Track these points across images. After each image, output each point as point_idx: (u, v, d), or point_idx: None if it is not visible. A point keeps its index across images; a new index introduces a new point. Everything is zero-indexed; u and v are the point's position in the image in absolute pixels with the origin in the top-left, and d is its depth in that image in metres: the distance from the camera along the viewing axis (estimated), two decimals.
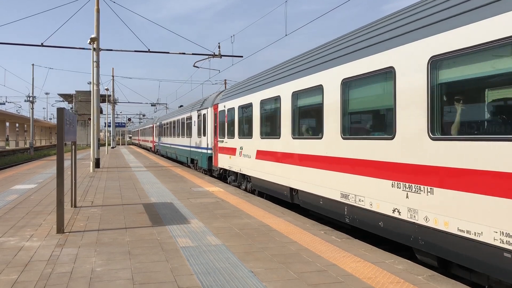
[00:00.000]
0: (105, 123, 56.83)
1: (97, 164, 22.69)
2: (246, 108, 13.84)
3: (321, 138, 8.86)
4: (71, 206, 10.58)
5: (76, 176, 10.75)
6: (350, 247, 6.82)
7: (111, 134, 61.24)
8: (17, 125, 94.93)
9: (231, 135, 15.69)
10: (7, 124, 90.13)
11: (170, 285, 5.07)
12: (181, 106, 38.52)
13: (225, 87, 42.41)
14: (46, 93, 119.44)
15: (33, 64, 53.33)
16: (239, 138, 14.58)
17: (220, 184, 15.60)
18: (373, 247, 6.85)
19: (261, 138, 12.37)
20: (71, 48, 25.70)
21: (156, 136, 47.26)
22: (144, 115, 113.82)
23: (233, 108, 15.37)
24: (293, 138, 10.19)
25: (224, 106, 16.67)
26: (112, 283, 5.12)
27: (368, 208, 7.19)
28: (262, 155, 12.32)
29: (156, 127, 47.21)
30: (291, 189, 10.56)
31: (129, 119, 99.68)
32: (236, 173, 15.79)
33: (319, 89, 9.02)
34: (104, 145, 53.08)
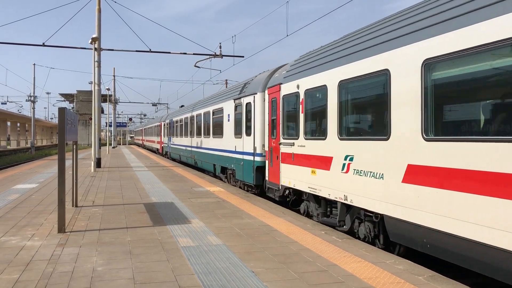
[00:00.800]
0: (106, 122, 56.90)
1: (98, 163, 22.71)
2: (368, 83, 7.55)
3: None
4: (72, 206, 10.60)
5: (77, 175, 10.77)
6: (350, 247, 6.83)
7: (112, 134, 61.30)
8: (18, 124, 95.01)
9: (316, 133, 9.49)
10: (8, 123, 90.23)
11: (171, 284, 5.09)
12: (182, 106, 37.80)
13: (226, 87, 39.08)
14: (47, 93, 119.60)
15: (34, 64, 53.40)
16: (340, 139, 8.29)
17: (221, 184, 15.60)
18: (374, 247, 6.86)
19: (427, 140, 5.98)
20: (73, 48, 25.74)
21: (165, 136, 38.87)
22: (145, 115, 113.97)
23: (324, 86, 9.00)
24: None
25: (298, 86, 10.33)
26: (113, 283, 5.14)
27: None
28: (439, 177, 5.75)
29: (165, 125, 39.03)
30: None
31: (130, 119, 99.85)
32: (326, 201, 9.45)
33: None
34: (105, 144, 53.11)
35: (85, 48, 25.80)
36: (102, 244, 6.99)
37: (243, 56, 26.95)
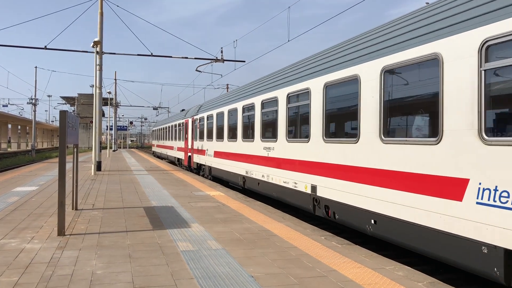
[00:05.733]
0: (107, 126, 56.97)
1: (98, 167, 22.71)
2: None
3: None
4: (72, 209, 10.60)
5: (77, 178, 10.77)
6: (350, 253, 6.82)
7: (113, 137, 61.36)
8: (19, 127, 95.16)
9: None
10: (9, 126, 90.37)
11: None
12: (182, 110, 37.60)
13: (227, 91, 37.09)
14: (49, 96, 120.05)
15: (36, 67, 53.64)
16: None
17: (221, 189, 15.59)
18: (373, 253, 6.84)
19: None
20: (74, 51, 25.81)
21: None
22: (145, 119, 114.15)
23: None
24: None
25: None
26: (112, 286, 5.13)
27: None
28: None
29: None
30: None
31: (131, 123, 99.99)
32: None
33: None
34: (105, 148, 53.12)
35: (87, 52, 25.81)
36: (101, 247, 6.98)
37: (244, 61, 27.02)
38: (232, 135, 16.61)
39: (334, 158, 8.93)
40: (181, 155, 29.24)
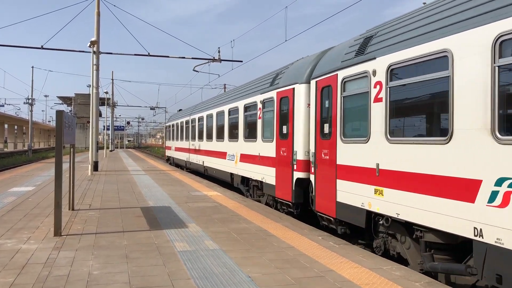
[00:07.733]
0: (104, 126, 56.87)
1: (95, 167, 22.65)
2: None
3: None
4: (69, 209, 10.56)
5: (74, 179, 10.73)
6: (347, 252, 6.82)
7: (110, 138, 61.24)
8: (15, 127, 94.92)
9: None
10: (6, 126, 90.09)
11: None
12: (180, 110, 37.38)
13: (225, 91, 34.03)
14: (45, 96, 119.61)
15: (32, 67, 53.63)
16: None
17: (218, 189, 15.57)
18: (371, 253, 6.85)
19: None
20: (71, 51, 25.76)
21: None
22: (143, 119, 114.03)
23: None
24: None
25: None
26: (109, 287, 5.11)
27: None
28: None
29: None
30: None
31: (128, 123, 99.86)
32: None
33: None
34: (102, 148, 52.96)
35: (84, 51, 25.74)
36: (98, 247, 6.96)
37: (241, 61, 27.01)
38: None
39: None
40: (256, 172, 13.20)
